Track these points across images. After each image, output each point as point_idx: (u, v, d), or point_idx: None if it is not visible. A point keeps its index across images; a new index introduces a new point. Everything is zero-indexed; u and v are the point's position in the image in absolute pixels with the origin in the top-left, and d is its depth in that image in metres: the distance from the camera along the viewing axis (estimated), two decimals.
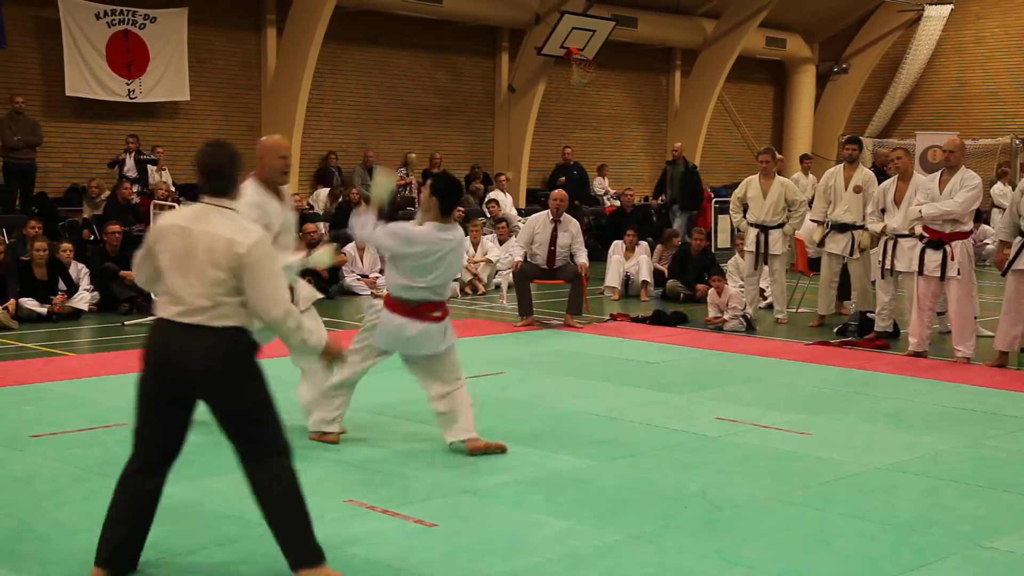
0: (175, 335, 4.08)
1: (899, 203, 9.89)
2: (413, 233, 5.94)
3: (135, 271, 4.35)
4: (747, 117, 25.06)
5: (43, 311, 11.13)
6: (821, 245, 11.26)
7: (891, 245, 9.92)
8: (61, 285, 11.47)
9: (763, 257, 11.47)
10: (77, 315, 11.33)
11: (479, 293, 13.99)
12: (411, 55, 19.14)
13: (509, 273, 11.77)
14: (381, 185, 6.10)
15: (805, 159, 16.99)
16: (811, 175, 15.60)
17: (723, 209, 19.17)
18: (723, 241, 19.45)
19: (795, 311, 12.17)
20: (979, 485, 5.65)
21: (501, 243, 14.56)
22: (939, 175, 9.31)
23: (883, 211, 10.11)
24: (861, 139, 11.92)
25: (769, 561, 4.51)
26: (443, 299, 6.12)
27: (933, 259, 9.21)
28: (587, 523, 4.95)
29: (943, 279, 9.18)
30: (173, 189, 14.88)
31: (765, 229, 11.41)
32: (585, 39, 19.27)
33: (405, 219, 8.02)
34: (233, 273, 4.05)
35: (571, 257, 11.25)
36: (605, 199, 20.53)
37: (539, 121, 20.32)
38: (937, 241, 9.20)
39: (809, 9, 23.96)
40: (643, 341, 10.22)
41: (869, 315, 10.57)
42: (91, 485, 5.43)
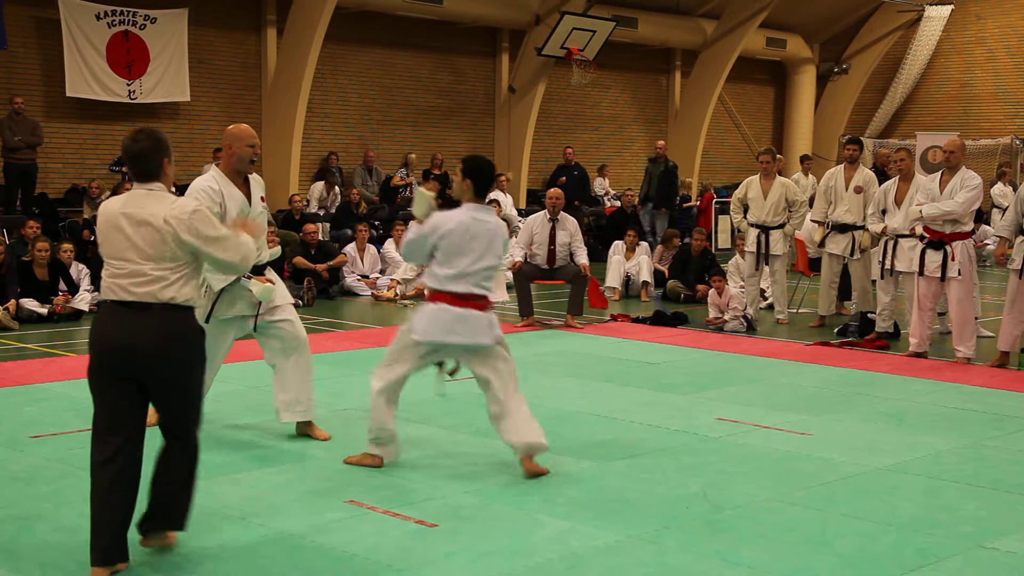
0: (123, 315, 4.25)
1: (900, 203, 9.89)
2: (438, 217, 5.66)
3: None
4: (747, 118, 25.07)
5: (44, 312, 11.13)
6: (822, 245, 11.26)
7: (891, 245, 9.92)
8: (62, 286, 11.48)
9: (764, 258, 11.47)
10: (78, 316, 11.33)
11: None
12: (411, 56, 19.15)
13: (509, 273, 11.78)
14: (421, 201, 5.84)
15: (805, 160, 17.00)
16: (811, 176, 15.61)
17: (723, 209, 19.18)
18: (724, 241, 19.46)
19: (796, 312, 12.17)
20: (980, 486, 5.64)
21: None
22: (939, 175, 9.31)
23: (884, 212, 10.12)
24: (862, 139, 11.92)
25: (770, 562, 4.51)
26: (485, 292, 5.67)
27: (934, 259, 9.21)
28: (588, 523, 4.95)
29: (943, 279, 9.18)
30: (173, 189, 14.86)
31: (766, 229, 11.41)
32: (585, 40, 19.28)
33: (406, 219, 8.01)
34: (183, 246, 4.26)
35: (571, 257, 11.26)
36: (605, 200, 20.54)
37: (539, 122, 20.33)
38: (938, 241, 9.20)
39: (809, 10, 23.97)
40: (644, 342, 10.21)
41: (870, 316, 10.57)
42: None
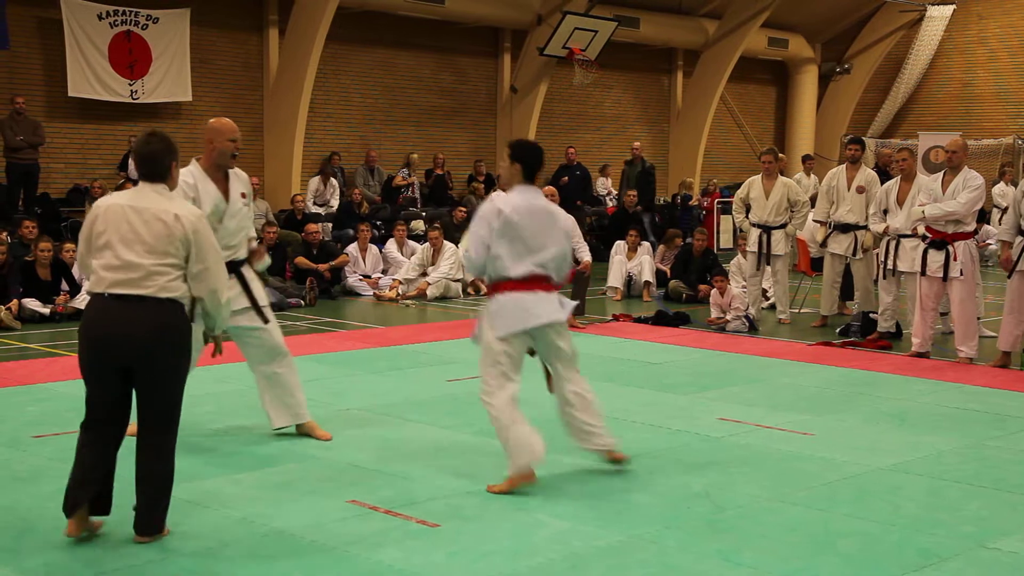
0: (115, 307, 4.43)
1: (902, 203, 9.89)
2: (488, 206, 5.52)
3: (79, 260, 4.73)
4: (749, 117, 25.07)
5: (46, 311, 11.14)
6: (824, 245, 11.26)
7: (893, 245, 9.91)
8: (64, 285, 11.49)
9: (765, 257, 11.47)
10: (80, 315, 11.30)
11: (482, 294, 13.99)
12: (413, 56, 19.15)
13: None
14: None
15: (807, 159, 16.99)
16: (813, 175, 15.60)
17: (726, 209, 19.17)
18: (725, 241, 19.46)
19: (798, 312, 12.16)
20: (983, 486, 5.64)
21: None
22: (942, 175, 9.30)
23: (885, 212, 10.11)
24: (863, 139, 11.92)
25: (772, 562, 4.51)
26: (548, 274, 5.54)
27: (936, 259, 9.20)
28: (589, 523, 4.95)
29: (946, 280, 9.18)
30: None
31: (767, 229, 11.41)
32: (587, 39, 19.27)
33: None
34: (184, 245, 4.41)
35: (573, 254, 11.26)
36: (607, 199, 20.53)
37: (541, 122, 20.32)
38: (940, 241, 9.19)
39: (811, 9, 23.96)
40: (645, 342, 10.21)
41: (872, 316, 10.57)
42: None
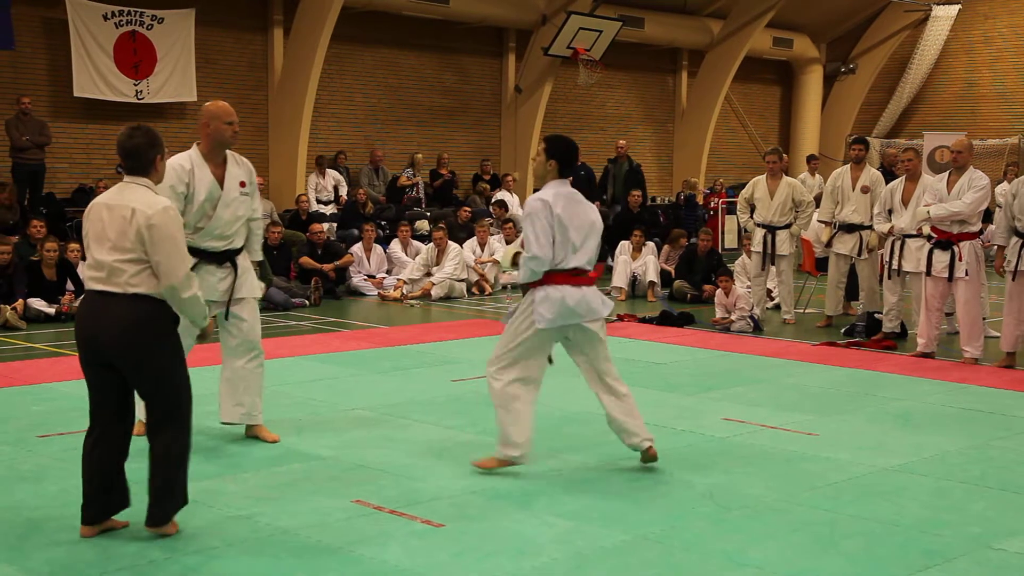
0: (94, 304, 4.50)
1: (907, 203, 9.87)
2: (537, 203, 5.63)
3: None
4: (754, 117, 25.04)
5: (51, 311, 11.15)
6: (829, 245, 11.25)
7: (898, 245, 9.90)
8: (69, 285, 11.50)
9: (770, 257, 11.46)
10: None
11: (486, 294, 14.00)
12: (418, 56, 19.15)
13: (516, 273, 11.78)
14: (509, 252, 6.15)
15: (812, 159, 16.97)
16: (818, 175, 15.58)
17: (730, 209, 19.15)
18: (730, 242, 19.43)
19: (802, 312, 12.15)
20: (988, 486, 5.63)
21: (508, 243, 14.58)
22: (947, 175, 9.29)
23: (890, 212, 10.10)
24: (868, 139, 11.92)
25: (777, 562, 4.50)
26: (590, 268, 5.72)
27: (941, 260, 9.19)
28: (594, 524, 4.95)
29: (951, 280, 9.16)
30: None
31: (772, 229, 11.40)
32: (592, 39, 19.26)
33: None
34: (139, 239, 4.43)
35: None
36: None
37: (546, 121, 20.31)
38: (945, 242, 9.18)
39: (816, 9, 23.93)
40: (650, 342, 10.21)
41: (877, 316, 10.56)
42: None
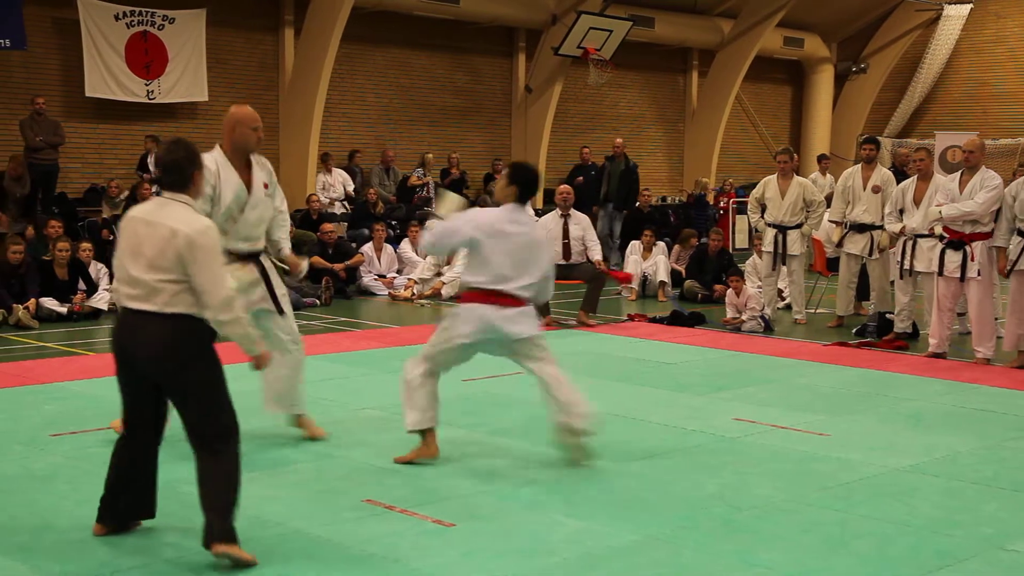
0: (131, 323, 4.40)
1: (918, 203, 9.84)
2: (474, 214, 5.75)
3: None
4: (765, 117, 24.99)
5: (63, 311, 11.20)
6: (840, 245, 11.23)
7: (910, 245, 9.87)
8: (81, 285, 11.55)
9: (781, 257, 11.44)
10: (96, 315, 11.38)
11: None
12: (428, 55, 19.16)
13: None
14: (449, 201, 5.95)
15: (823, 159, 16.93)
16: (829, 175, 15.55)
17: (741, 209, 19.13)
18: (741, 241, 19.40)
19: (813, 312, 12.12)
20: (1000, 487, 5.61)
21: None
22: (959, 175, 9.26)
23: (901, 211, 10.07)
24: (879, 139, 11.88)
25: (787, 562, 4.49)
26: (519, 294, 5.80)
27: (953, 260, 9.16)
28: (604, 523, 4.95)
29: (963, 280, 9.13)
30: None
31: (783, 229, 11.38)
32: (602, 39, 19.25)
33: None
34: (180, 260, 4.32)
35: (586, 253, 11.27)
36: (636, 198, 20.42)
37: (556, 121, 20.31)
38: (957, 242, 9.15)
39: (827, 9, 23.87)
40: (661, 342, 10.20)
41: (888, 316, 10.53)
42: None
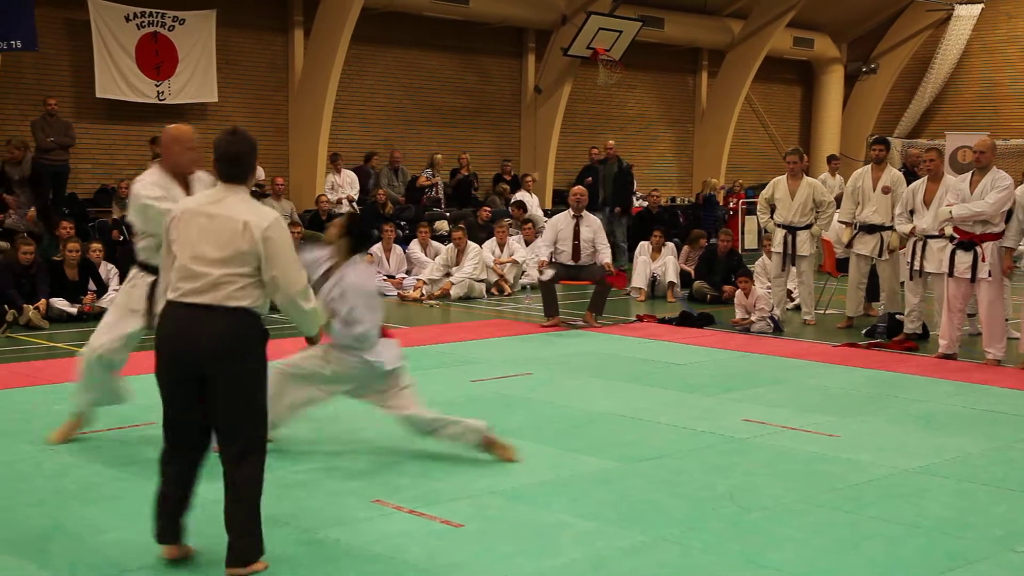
0: (187, 318, 4.17)
1: (928, 204, 9.81)
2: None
3: (161, 264, 4.45)
4: (774, 118, 24.95)
5: (73, 311, 11.22)
6: (849, 246, 11.20)
7: (920, 246, 9.84)
8: (91, 285, 11.58)
9: (791, 258, 11.42)
10: (105, 315, 11.40)
11: (506, 294, 14.00)
12: (438, 56, 19.17)
13: (534, 273, 11.81)
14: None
15: (833, 160, 16.89)
16: (839, 176, 15.51)
17: (750, 210, 19.09)
18: (750, 242, 19.37)
19: (823, 312, 12.09)
20: (1011, 488, 5.59)
21: (527, 244, 14.58)
22: (970, 176, 9.23)
23: (912, 212, 10.04)
24: (888, 140, 11.84)
25: (797, 564, 4.48)
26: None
27: (964, 260, 9.13)
28: (613, 524, 4.94)
29: (974, 280, 9.10)
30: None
31: (793, 230, 11.35)
32: (612, 40, 19.23)
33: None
34: (253, 253, 4.17)
35: (596, 255, 11.26)
36: (632, 200, 20.43)
37: (565, 122, 20.30)
38: (968, 242, 9.12)
39: (837, 9, 23.82)
40: (670, 342, 10.18)
41: (898, 317, 10.50)
42: (121, 484, 5.48)
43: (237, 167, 4.30)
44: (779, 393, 7.88)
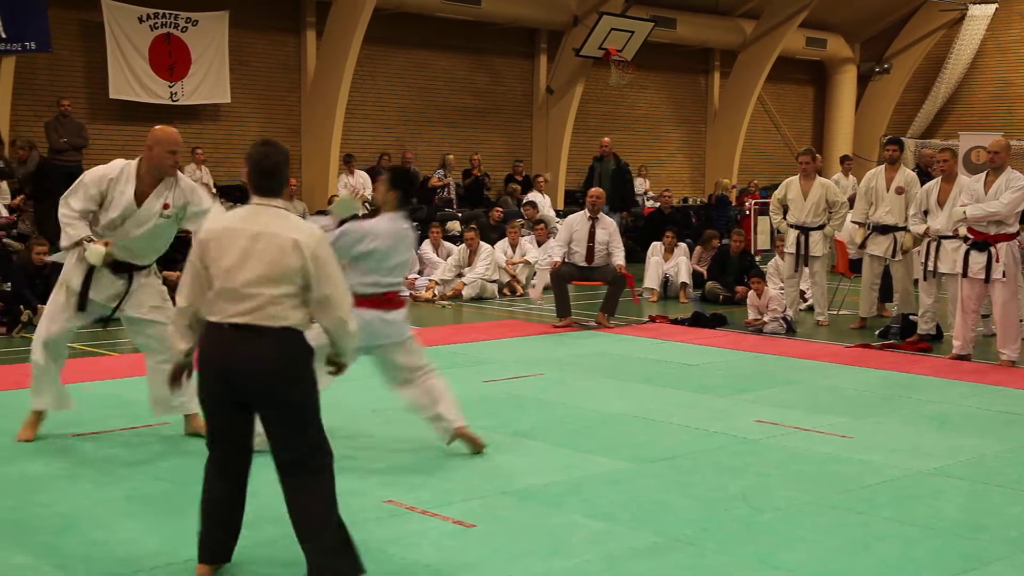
0: (234, 340, 4.04)
1: (942, 204, 9.77)
2: (364, 228, 5.83)
3: (179, 293, 4.25)
4: (787, 118, 24.90)
5: None
6: (863, 247, 11.16)
7: (934, 247, 9.80)
8: None
9: (803, 259, 11.39)
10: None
11: (518, 294, 13.99)
12: (449, 57, 19.19)
13: (547, 274, 11.80)
14: (344, 206, 5.97)
15: (846, 160, 16.84)
16: (852, 176, 15.47)
17: (763, 210, 19.03)
18: (763, 243, 19.30)
19: (836, 313, 12.06)
20: None
21: (539, 244, 14.57)
22: (984, 176, 9.19)
23: (925, 213, 10.00)
24: (902, 140, 11.80)
25: (810, 565, 4.47)
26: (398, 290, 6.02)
27: (978, 261, 9.09)
28: (625, 525, 4.93)
29: (988, 281, 9.06)
30: (214, 191, 15.01)
31: (805, 231, 11.32)
32: (624, 40, 19.22)
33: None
34: (300, 272, 4.06)
35: (609, 257, 11.24)
36: (644, 200, 20.45)
37: (577, 122, 20.30)
38: (982, 243, 9.08)
39: (850, 9, 23.76)
40: (682, 343, 10.17)
41: (911, 317, 10.46)
42: (133, 483, 5.49)
43: (272, 179, 4.21)
44: (792, 394, 7.86)
